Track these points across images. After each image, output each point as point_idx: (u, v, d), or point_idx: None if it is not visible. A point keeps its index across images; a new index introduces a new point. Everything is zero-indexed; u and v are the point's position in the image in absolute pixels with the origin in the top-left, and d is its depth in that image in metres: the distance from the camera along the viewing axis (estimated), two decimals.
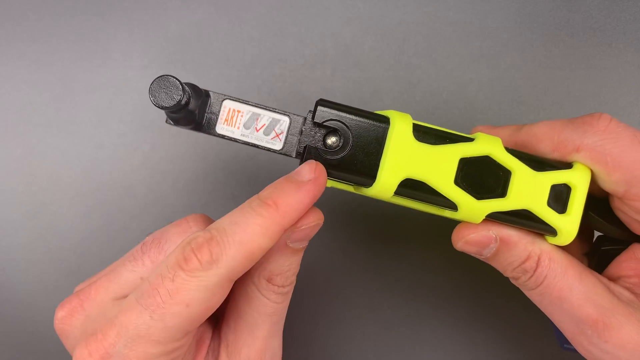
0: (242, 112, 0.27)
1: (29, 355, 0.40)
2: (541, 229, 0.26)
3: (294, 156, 0.26)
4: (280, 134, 0.26)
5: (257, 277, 0.25)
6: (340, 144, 0.25)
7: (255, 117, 0.26)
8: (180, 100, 0.23)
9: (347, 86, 0.41)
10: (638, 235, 0.27)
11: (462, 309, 0.39)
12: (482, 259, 0.27)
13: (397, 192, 0.25)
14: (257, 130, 0.26)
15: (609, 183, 0.25)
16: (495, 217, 0.25)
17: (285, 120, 0.27)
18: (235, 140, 0.27)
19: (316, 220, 0.25)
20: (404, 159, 0.24)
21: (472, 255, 0.27)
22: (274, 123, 0.26)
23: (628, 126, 0.25)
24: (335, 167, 0.25)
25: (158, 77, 0.23)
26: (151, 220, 0.40)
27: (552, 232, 0.26)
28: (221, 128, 0.26)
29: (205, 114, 0.26)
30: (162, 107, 0.23)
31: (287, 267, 0.25)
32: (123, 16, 0.42)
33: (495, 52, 0.41)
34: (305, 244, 0.25)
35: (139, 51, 0.41)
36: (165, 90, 0.23)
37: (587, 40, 0.41)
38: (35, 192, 0.40)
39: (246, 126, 0.26)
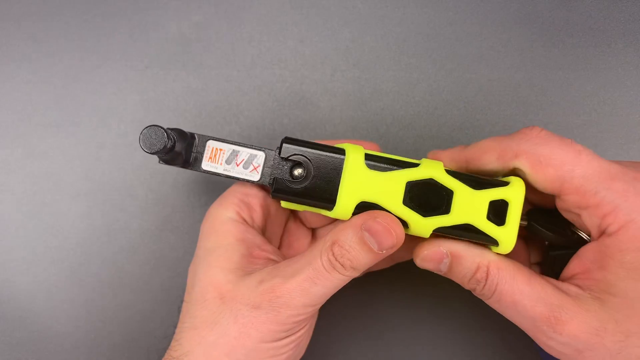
0: (224, 150, 0.31)
1: (29, 355, 0.40)
2: (484, 240, 0.29)
3: (267, 184, 0.30)
4: (257, 167, 0.30)
5: (330, 237, 0.28)
6: (305, 174, 0.28)
7: (235, 154, 0.30)
8: (166, 145, 0.27)
9: (347, 86, 0.41)
10: (576, 239, 0.30)
11: (462, 309, 0.39)
12: (443, 275, 0.30)
13: (355, 214, 0.28)
14: (237, 165, 0.30)
15: (545, 182, 0.28)
16: (442, 232, 0.28)
17: (261, 155, 0.31)
18: (219, 174, 0.30)
19: (392, 228, 0.27)
20: (358, 185, 0.28)
21: (435, 272, 0.30)
22: (251, 158, 0.30)
23: (557, 134, 0.29)
24: (300, 195, 0.28)
25: (147, 127, 0.27)
26: (151, 220, 0.40)
27: (494, 242, 0.28)
28: (206, 165, 0.30)
29: (192, 153, 0.30)
30: (151, 152, 0.27)
31: (348, 245, 0.27)
32: (123, 17, 0.42)
33: (495, 52, 0.41)
34: (373, 242, 0.27)
35: (139, 51, 0.41)
36: (153, 138, 0.27)
37: (586, 41, 0.41)
38: (36, 192, 0.40)
39: (227, 162, 0.31)
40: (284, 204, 0.31)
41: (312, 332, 0.34)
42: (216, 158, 0.31)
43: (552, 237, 0.30)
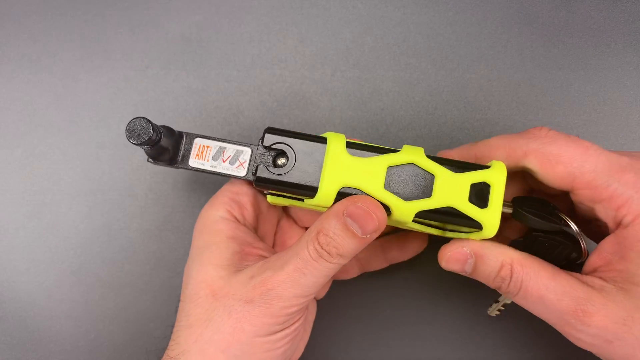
0: (211, 147, 0.31)
1: (29, 355, 0.40)
2: (468, 224, 0.29)
3: (253, 180, 0.30)
4: (243, 162, 0.31)
5: (314, 226, 0.28)
6: (287, 163, 0.29)
7: (222, 150, 0.31)
8: (151, 137, 0.28)
9: (347, 86, 0.41)
10: (564, 224, 0.30)
11: (462, 309, 0.39)
12: (469, 276, 0.30)
13: (337, 198, 0.28)
14: (224, 162, 0.31)
15: (556, 180, 0.28)
16: (425, 217, 0.28)
17: (247, 151, 0.31)
18: (205, 171, 0.31)
19: (372, 211, 0.27)
20: (339, 170, 0.28)
21: (460, 273, 0.30)
22: (237, 154, 0.31)
23: (565, 133, 0.29)
24: (283, 183, 0.28)
25: (133, 119, 0.28)
26: (151, 220, 0.40)
27: (478, 226, 0.28)
28: (193, 162, 0.31)
29: (180, 151, 0.31)
30: (137, 143, 0.28)
31: (332, 232, 0.27)
32: (124, 16, 0.42)
33: (495, 52, 0.41)
34: (356, 227, 0.27)
35: (139, 51, 0.41)
36: (139, 129, 0.28)
37: (586, 41, 0.41)
38: (36, 192, 0.40)
39: (214, 158, 0.31)
40: (270, 199, 0.32)
41: (310, 331, 0.34)
42: (203, 155, 0.31)
43: (539, 223, 0.30)
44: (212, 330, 0.28)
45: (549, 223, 0.30)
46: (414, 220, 0.29)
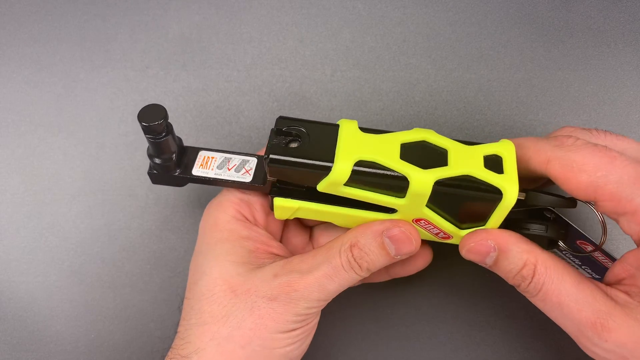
0: (216, 158, 0.32)
1: (29, 355, 0.40)
2: (488, 193, 0.28)
3: (260, 184, 0.31)
4: (249, 170, 0.31)
5: (348, 238, 0.30)
6: (301, 145, 0.29)
7: (227, 160, 0.32)
8: (161, 123, 0.28)
9: (347, 86, 0.41)
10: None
11: (461, 308, 0.40)
12: (488, 268, 0.30)
13: (353, 176, 0.28)
14: (229, 170, 0.31)
15: (579, 189, 0.27)
16: (444, 185, 0.28)
17: (253, 160, 0.32)
18: (209, 179, 0.31)
19: (413, 237, 0.29)
20: (354, 144, 0.28)
21: (479, 263, 0.30)
22: (243, 163, 0.32)
23: (592, 143, 0.28)
24: (297, 163, 0.28)
25: (151, 104, 0.29)
26: (152, 220, 0.40)
27: (498, 193, 0.28)
28: (197, 170, 0.31)
29: (183, 162, 0.31)
30: (148, 124, 0.28)
31: (367, 248, 0.29)
32: (124, 17, 0.42)
33: (495, 52, 0.41)
34: (392, 248, 0.29)
35: (139, 52, 0.41)
36: (154, 113, 0.28)
37: (586, 41, 0.41)
38: (36, 191, 0.40)
39: (219, 167, 0.32)
40: (277, 209, 0.31)
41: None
42: (207, 164, 0.31)
43: (557, 202, 0.29)
44: (232, 327, 0.29)
45: (565, 200, 0.29)
46: (428, 206, 0.29)
